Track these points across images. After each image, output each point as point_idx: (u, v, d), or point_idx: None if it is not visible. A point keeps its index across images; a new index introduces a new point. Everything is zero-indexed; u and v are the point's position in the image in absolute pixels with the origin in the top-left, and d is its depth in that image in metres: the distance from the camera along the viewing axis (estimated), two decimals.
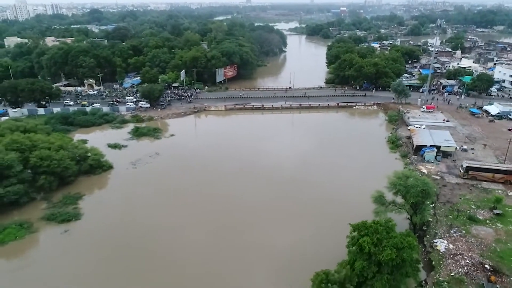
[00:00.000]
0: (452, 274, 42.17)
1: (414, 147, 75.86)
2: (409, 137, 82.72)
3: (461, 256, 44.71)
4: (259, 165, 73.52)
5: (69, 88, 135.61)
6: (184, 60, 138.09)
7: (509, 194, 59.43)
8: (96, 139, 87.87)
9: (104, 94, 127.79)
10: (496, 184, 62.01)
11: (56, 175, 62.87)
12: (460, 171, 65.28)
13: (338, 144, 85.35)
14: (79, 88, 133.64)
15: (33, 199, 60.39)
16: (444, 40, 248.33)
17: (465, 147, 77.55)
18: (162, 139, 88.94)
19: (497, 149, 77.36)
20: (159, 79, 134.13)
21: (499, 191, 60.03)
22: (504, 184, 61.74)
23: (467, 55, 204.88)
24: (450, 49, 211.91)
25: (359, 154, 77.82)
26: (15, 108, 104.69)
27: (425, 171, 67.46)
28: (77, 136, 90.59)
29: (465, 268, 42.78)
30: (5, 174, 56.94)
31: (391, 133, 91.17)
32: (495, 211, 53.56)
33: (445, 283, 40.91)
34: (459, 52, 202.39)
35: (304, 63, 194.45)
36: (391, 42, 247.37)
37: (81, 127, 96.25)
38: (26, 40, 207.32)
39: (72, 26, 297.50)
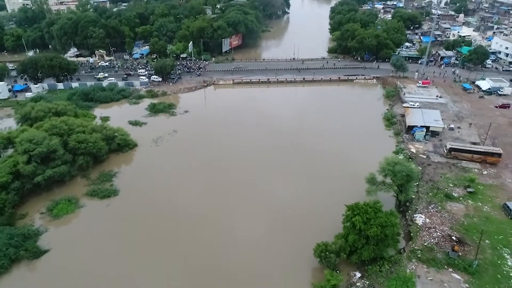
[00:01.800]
0: (425, 244, 52.99)
1: (406, 126, 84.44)
2: (403, 115, 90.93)
3: (434, 229, 55.36)
4: (268, 144, 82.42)
5: (81, 59, 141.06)
6: (191, 31, 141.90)
7: (484, 172, 69.18)
8: (117, 115, 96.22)
9: (117, 65, 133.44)
10: (474, 163, 71.52)
11: (92, 155, 72.32)
12: (444, 151, 74.55)
13: (337, 121, 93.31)
14: (91, 59, 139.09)
15: (74, 177, 70.23)
16: (448, 1, 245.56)
17: (452, 126, 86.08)
18: (177, 116, 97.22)
19: (481, 127, 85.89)
20: (168, 50, 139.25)
21: (476, 170, 69.73)
22: (480, 163, 71.23)
23: (470, 18, 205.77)
24: (453, 12, 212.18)
25: (358, 132, 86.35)
26: (36, 84, 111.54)
27: (414, 150, 76.78)
28: (99, 112, 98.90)
29: (436, 239, 53.55)
30: (51, 157, 66.26)
31: (387, 109, 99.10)
32: (468, 189, 63.57)
33: (419, 251, 51.79)
34: (461, 15, 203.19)
35: (307, 28, 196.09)
36: (395, 3, 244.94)
37: (101, 103, 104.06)
38: (28, 2, 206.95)
39: None
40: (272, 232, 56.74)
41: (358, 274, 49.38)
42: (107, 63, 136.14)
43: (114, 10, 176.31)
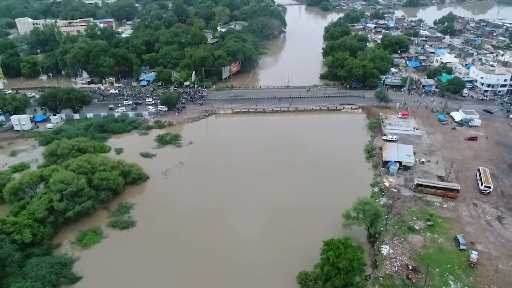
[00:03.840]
0: (387, 271, 65.65)
1: (383, 160, 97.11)
2: (381, 148, 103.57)
3: (395, 259, 68.04)
4: (259, 169, 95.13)
5: (92, 86, 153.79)
6: (194, 59, 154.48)
7: (444, 206, 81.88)
8: (129, 147, 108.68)
9: (126, 93, 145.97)
10: (437, 197, 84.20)
11: (111, 190, 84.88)
12: (412, 186, 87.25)
13: (323, 152, 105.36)
14: (101, 87, 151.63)
15: (96, 210, 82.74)
16: (437, 20, 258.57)
17: (423, 159, 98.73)
18: (183, 147, 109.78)
19: (448, 161, 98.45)
20: (172, 78, 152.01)
21: (438, 203, 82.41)
22: (442, 197, 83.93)
23: (455, 39, 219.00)
24: (439, 34, 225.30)
25: (341, 164, 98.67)
26: (55, 114, 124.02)
27: (387, 184, 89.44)
28: (113, 142, 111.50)
29: (396, 267, 66.22)
30: (78, 194, 78.81)
31: (369, 141, 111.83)
32: (428, 223, 76.25)
33: (381, 278, 64.45)
34: (447, 37, 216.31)
35: (302, 48, 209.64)
36: (386, 22, 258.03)
37: (114, 134, 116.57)
38: (39, 25, 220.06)
39: None
40: (259, 260, 69.34)
41: None
42: (116, 91, 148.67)
43: (122, 36, 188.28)
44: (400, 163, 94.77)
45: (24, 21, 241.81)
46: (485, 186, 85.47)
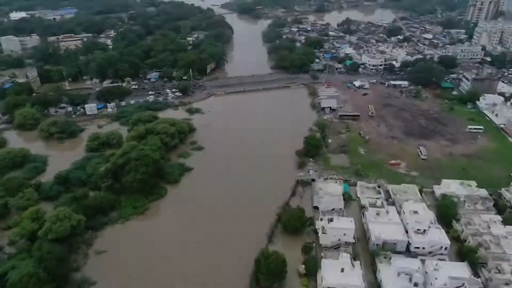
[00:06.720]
0: (333, 147, 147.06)
1: (322, 108, 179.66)
2: (319, 103, 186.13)
3: (335, 142, 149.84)
4: (250, 123, 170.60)
5: (114, 85, 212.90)
6: (186, 61, 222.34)
7: (353, 123, 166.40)
8: (172, 117, 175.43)
9: (144, 87, 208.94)
10: (351, 121, 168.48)
11: (185, 133, 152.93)
12: (338, 116, 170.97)
13: (285, 109, 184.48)
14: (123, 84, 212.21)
15: (183, 144, 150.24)
16: (338, 23, 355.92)
17: (341, 105, 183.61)
18: (206, 114, 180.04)
19: (354, 105, 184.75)
20: (174, 75, 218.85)
21: (350, 122, 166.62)
22: (352, 120, 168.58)
23: (352, 37, 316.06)
24: (342, 33, 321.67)
25: (296, 111, 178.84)
26: (110, 103, 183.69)
27: (325, 118, 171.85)
28: (161, 114, 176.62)
29: (336, 146, 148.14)
30: (174, 135, 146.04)
31: (312, 100, 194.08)
32: (347, 129, 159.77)
33: (330, 152, 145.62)
34: (348, 36, 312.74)
35: (249, 48, 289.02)
36: (305, 26, 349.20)
37: (156, 111, 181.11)
38: (25, 42, 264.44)
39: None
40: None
41: None
42: (136, 86, 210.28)
43: (125, 48, 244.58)
44: (330, 107, 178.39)
45: (11, 39, 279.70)
46: (371, 113, 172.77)
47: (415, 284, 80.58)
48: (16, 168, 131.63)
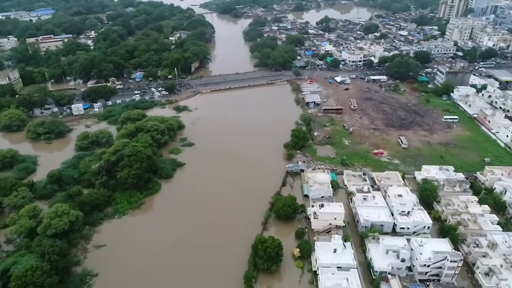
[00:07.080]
0: (318, 139, 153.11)
1: (306, 102, 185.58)
2: (303, 98, 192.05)
3: (320, 135, 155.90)
4: (237, 119, 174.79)
5: (99, 85, 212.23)
6: (171, 60, 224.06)
7: (337, 116, 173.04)
8: (159, 115, 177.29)
9: (130, 87, 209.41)
10: (334, 114, 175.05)
11: (174, 130, 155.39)
12: (322, 110, 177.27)
13: (270, 105, 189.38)
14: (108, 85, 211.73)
15: (172, 140, 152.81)
16: (317, 22, 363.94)
17: (324, 100, 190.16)
18: (193, 111, 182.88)
19: (337, 100, 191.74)
20: (159, 74, 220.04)
21: (334, 115, 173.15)
22: (335, 113, 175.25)
23: (332, 34, 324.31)
24: (321, 31, 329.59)
25: (281, 106, 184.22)
26: (96, 103, 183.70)
27: (310, 112, 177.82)
28: (149, 113, 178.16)
29: (321, 137, 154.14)
30: (164, 132, 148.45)
31: (295, 95, 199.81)
32: (331, 123, 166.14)
33: (316, 143, 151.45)
34: (327, 34, 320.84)
35: (231, 47, 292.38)
36: (285, 25, 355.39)
37: (144, 109, 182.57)
38: (2, 44, 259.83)
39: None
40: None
41: None
42: (121, 86, 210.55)
43: (109, 49, 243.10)
44: (314, 102, 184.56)
45: None
46: (353, 107, 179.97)
47: (402, 260, 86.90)
48: (5, 169, 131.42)
